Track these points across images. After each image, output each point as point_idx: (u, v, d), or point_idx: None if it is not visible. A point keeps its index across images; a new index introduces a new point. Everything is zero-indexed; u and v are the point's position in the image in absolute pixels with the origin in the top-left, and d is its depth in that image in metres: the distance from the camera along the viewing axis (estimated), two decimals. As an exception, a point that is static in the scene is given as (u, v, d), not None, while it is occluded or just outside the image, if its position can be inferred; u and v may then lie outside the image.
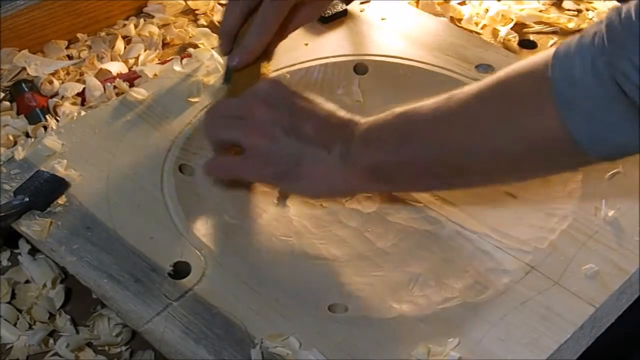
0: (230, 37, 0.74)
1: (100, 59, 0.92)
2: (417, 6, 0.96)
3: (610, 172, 0.68)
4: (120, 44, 0.94)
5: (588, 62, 0.49)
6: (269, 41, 0.73)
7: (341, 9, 0.89)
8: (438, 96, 0.59)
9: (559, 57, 0.52)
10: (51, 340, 0.64)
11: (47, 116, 0.82)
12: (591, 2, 0.98)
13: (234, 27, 0.73)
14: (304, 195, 0.68)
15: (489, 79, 0.57)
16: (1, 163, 0.72)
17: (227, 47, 0.74)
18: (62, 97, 0.86)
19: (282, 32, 0.75)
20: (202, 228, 0.66)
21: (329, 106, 0.65)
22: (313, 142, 0.63)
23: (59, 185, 0.68)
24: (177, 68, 0.82)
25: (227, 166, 0.68)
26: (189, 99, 0.78)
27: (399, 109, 0.61)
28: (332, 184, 0.63)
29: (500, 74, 0.56)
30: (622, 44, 0.47)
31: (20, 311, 0.66)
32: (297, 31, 0.87)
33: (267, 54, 0.75)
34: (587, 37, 0.50)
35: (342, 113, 0.65)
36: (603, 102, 0.49)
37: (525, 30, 0.94)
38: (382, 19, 0.89)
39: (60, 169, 0.70)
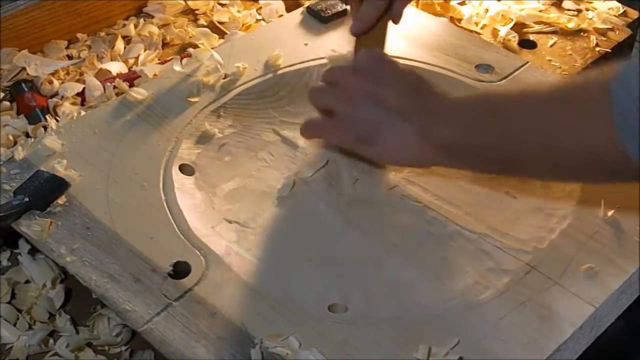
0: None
1: (100, 59, 0.92)
2: (417, 6, 0.96)
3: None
4: (120, 44, 0.94)
5: None
6: (383, 8, 0.76)
7: (341, 9, 0.89)
8: (524, 87, 0.61)
9: (624, 69, 0.52)
10: (51, 340, 0.64)
11: (47, 116, 0.82)
12: (591, 2, 0.98)
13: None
14: (380, 161, 0.71)
15: (568, 80, 0.58)
16: (1, 163, 0.72)
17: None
18: (62, 97, 0.86)
19: None
20: (202, 228, 0.66)
21: (421, 79, 0.67)
22: (394, 111, 0.65)
23: (59, 185, 0.68)
24: (177, 68, 0.82)
25: (316, 128, 0.72)
26: (189, 99, 0.78)
27: (483, 93, 0.64)
28: (407, 153, 0.65)
29: (578, 77, 0.57)
30: None
31: (20, 311, 0.66)
32: (297, 31, 0.87)
33: (393, 18, 0.78)
34: None
35: (433, 87, 0.67)
36: None
37: (525, 30, 0.94)
38: (382, 19, 0.89)
39: (60, 169, 0.70)
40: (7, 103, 0.86)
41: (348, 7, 0.90)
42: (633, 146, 0.51)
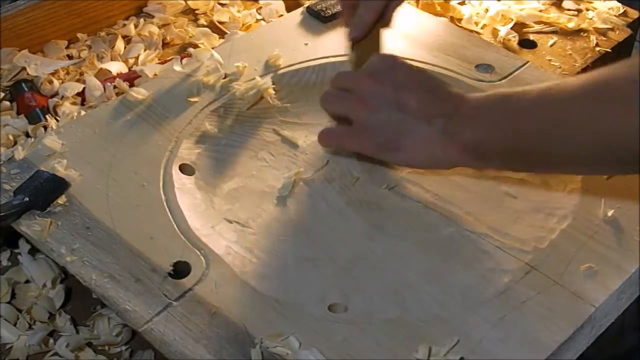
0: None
1: (100, 58, 0.92)
2: (417, 6, 0.96)
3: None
4: (120, 44, 0.94)
5: None
6: (379, 11, 0.76)
7: (341, 9, 0.89)
8: (543, 83, 0.60)
9: None
10: (51, 340, 0.64)
11: (47, 116, 0.82)
12: (591, 2, 0.98)
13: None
14: (404, 165, 0.70)
15: (592, 73, 0.58)
16: (1, 163, 0.72)
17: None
18: (62, 97, 0.86)
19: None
20: (202, 228, 0.66)
21: (436, 80, 0.67)
22: (415, 114, 0.65)
23: (59, 185, 0.68)
24: (177, 68, 0.82)
25: (335, 136, 0.71)
26: (189, 99, 0.78)
27: (503, 91, 0.63)
28: (431, 155, 0.65)
29: (603, 70, 0.57)
30: None
31: (20, 311, 0.66)
32: (297, 31, 0.87)
33: (385, 22, 0.78)
34: None
35: (449, 87, 0.66)
36: None
37: (525, 30, 0.94)
38: (382, 19, 0.89)
39: (60, 168, 0.70)
40: (7, 103, 0.86)
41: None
42: None
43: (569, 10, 0.97)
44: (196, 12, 1.00)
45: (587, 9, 0.97)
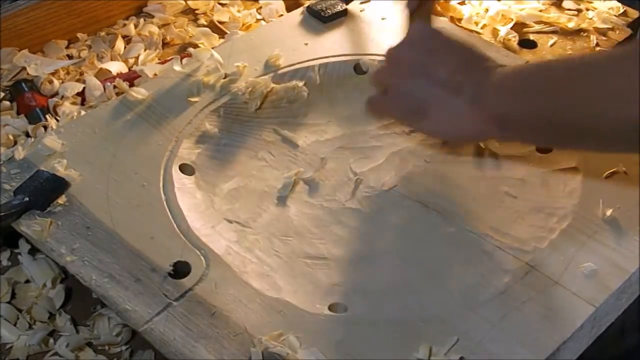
0: None
1: (100, 58, 0.92)
2: (417, 6, 0.95)
3: (609, 171, 0.68)
4: (120, 44, 0.94)
5: None
6: None
7: (341, 9, 0.89)
8: (573, 54, 0.59)
9: None
10: (51, 340, 0.64)
11: (47, 116, 0.82)
12: (591, 2, 0.98)
13: None
14: (432, 134, 0.70)
15: (621, 48, 0.57)
16: (1, 163, 0.72)
17: None
18: (62, 96, 0.86)
19: None
20: (202, 228, 0.66)
21: (472, 50, 0.67)
22: (444, 83, 0.64)
23: (59, 185, 0.68)
24: (177, 68, 0.82)
25: (373, 105, 0.72)
26: (189, 99, 0.78)
27: (534, 62, 0.62)
28: (459, 126, 0.65)
29: (631, 45, 0.56)
30: None
31: (20, 311, 0.66)
32: (297, 31, 0.87)
33: None
34: None
35: (484, 58, 0.66)
36: None
37: (525, 29, 0.94)
38: (382, 19, 0.89)
39: (60, 168, 0.70)
40: (7, 103, 0.86)
41: (348, 7, 0.90)
42: None
43: (569, 10, 0.97)
44: (196, 12, 1.00)
45: (587, 9, 0.97)
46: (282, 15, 0.98)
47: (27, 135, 0.81)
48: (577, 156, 0.71)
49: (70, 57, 0.93)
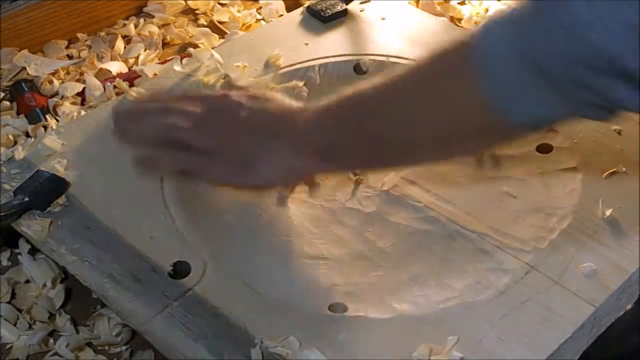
0: None
1: (100, 58, 0.92)
2: (417, 6, 0.96)
3: (609, 171, 0.68)
4: (120, 44, 0.94)
5: (506, 28, 0.49)
6: None
7: (341, 9, 0.89)
8: (383, 75, 0.59)
9: (484, 24, 0.51)
10: (51, 340, 0.64)
11: (47, 116, 0.82)
12: (591, 2, 0.98)
13: None
14: (260, 186, 0.66)
15: (427, 54, 0.57)
16: (1, 163, 0.72)
17: None
18: (62, 96, 0.86)
19: None
20: (202, 228, 0.66)
21: (275, 100, 0.65)
22: (262, 134, 0.63)
23: (59, 185, 0.68)
24: (177, 68, 0.82)
25: (195, 168, 0.66)
26: (189, 99, 0.78)
27: (346, 91, 0.61)
28: (286, 168, 0.63)
29: (437, 47, 0.56)
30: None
31: (20, 311, 0.66)
32: (297, 31, 0.87)
33: None
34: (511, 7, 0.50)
35: (288, 102, 0.65)
36: (513, 67, 0.48)
37: (525, 30, 0.94)
38: (382, 19, 0.89)
39: (60, 168, 0.70)
40: (7, 103, 0.86)
41: (348, 7, 0.90)
42: (493, 94, 0.50)
43: (569, 10, 0.97)
44: (196, 12, 1.01)
45: (587, 9, 0.97)
46: (282, 15, 0.98)
47: (27, 135, 0.81)
48: (577, 156, 0.71)
49: (70, 57, 0.93)
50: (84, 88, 0.87)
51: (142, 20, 0.98)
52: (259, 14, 1.00)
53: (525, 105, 0.50)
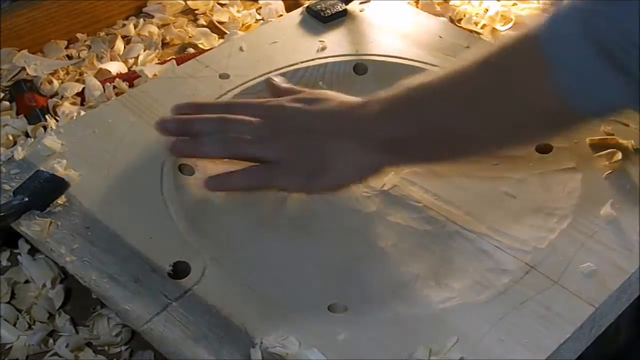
0: None
1: (100, 58, 0.92)
2: (417, 6, 0.96)
3: (609, 171, 0.68)
4: (119, 44, 0.94)
5: (574, 16, 0.49)
6: None
7: (341, 9, 0.89)
8: (445, 68, 0.60)
9: (548, 16, 0.52)
10: (51, 340, 0.64)
11: (46, 116, 0.82)
12: (591, 2, 0.98)
13: None
14: (334, 187, 0.68)
15: (492, 46, 0.57)
16: (1, 163, 0.72)
17: None
18: (62, 97, 0.86)
19: None
20: (202, 228, 0.66)
21: (332, 99, 0.67)
22: (326, 136, 0.65)
23: (58, 185, 0.68)
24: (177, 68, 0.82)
25: (258, 177, 0.70)
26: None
27: (407, 83, 0.62)
28: (357, 166, 0.65)
29: (503, 39, 0.57)
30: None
31: (19, 311, 0.66)
32: (297, 31, 0.87)
33: None
34: None
35: (346, 98, 0.66)
36: (584, 54, 0.49)
37: (525, 30, 0.94)
38: (382, 19, 0.89)
39: (60, 169, 0.70)
40: (7, 103, 0.86)
41: (348, 7, 0.90)
42: (564, 83, 0.51)
43: (568, 10, 0.97)
44: (196, 12, 1.01)
45: (587, 9, 0.97)
46: (281, 15, 0.98)
47: (27, 135, 0.81)
48: (577, 156, 0.71)
49: (69, 57, 0.93)
50: (83, 88, 0.87)
51: (141, 20, 0.98)
52: (259, 14, 1.00)
53: (595, 91, 0.50)
